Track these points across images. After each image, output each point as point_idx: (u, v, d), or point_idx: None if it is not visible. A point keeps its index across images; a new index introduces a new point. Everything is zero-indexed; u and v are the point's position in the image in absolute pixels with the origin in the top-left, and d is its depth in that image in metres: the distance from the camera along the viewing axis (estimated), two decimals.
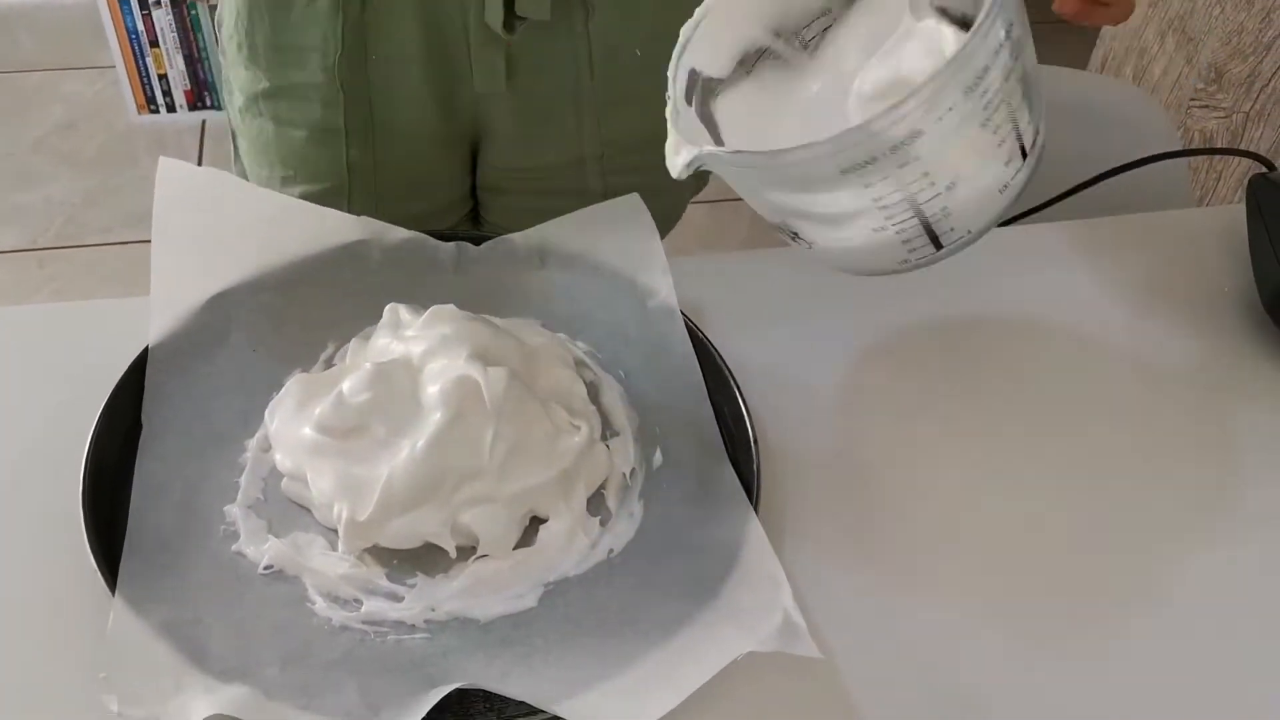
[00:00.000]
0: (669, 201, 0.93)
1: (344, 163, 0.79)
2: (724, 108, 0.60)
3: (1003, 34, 0.49)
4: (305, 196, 0.79)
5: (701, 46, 0.58)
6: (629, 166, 0.70)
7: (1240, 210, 0.76)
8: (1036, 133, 0.55)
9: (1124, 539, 0.60)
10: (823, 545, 0.58)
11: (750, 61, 0.61)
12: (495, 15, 0.71)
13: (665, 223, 0.93)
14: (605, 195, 0.73)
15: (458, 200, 0.87)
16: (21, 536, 0.55)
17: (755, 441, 0.58)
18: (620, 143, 0.81)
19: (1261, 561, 0.59)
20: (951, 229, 0.55)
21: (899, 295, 0.71)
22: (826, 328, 0.69)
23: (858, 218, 0.53)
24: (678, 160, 0.53)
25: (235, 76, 0.80)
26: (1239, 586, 0.58)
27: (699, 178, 0.93)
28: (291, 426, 0.57)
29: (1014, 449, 0.64)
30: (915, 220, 0.54)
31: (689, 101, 0.58)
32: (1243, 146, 1.28)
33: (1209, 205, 1.32)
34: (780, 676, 0.52)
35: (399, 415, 0.55)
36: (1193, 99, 1.32)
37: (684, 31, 0.58)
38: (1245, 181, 0.75)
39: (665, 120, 0.67)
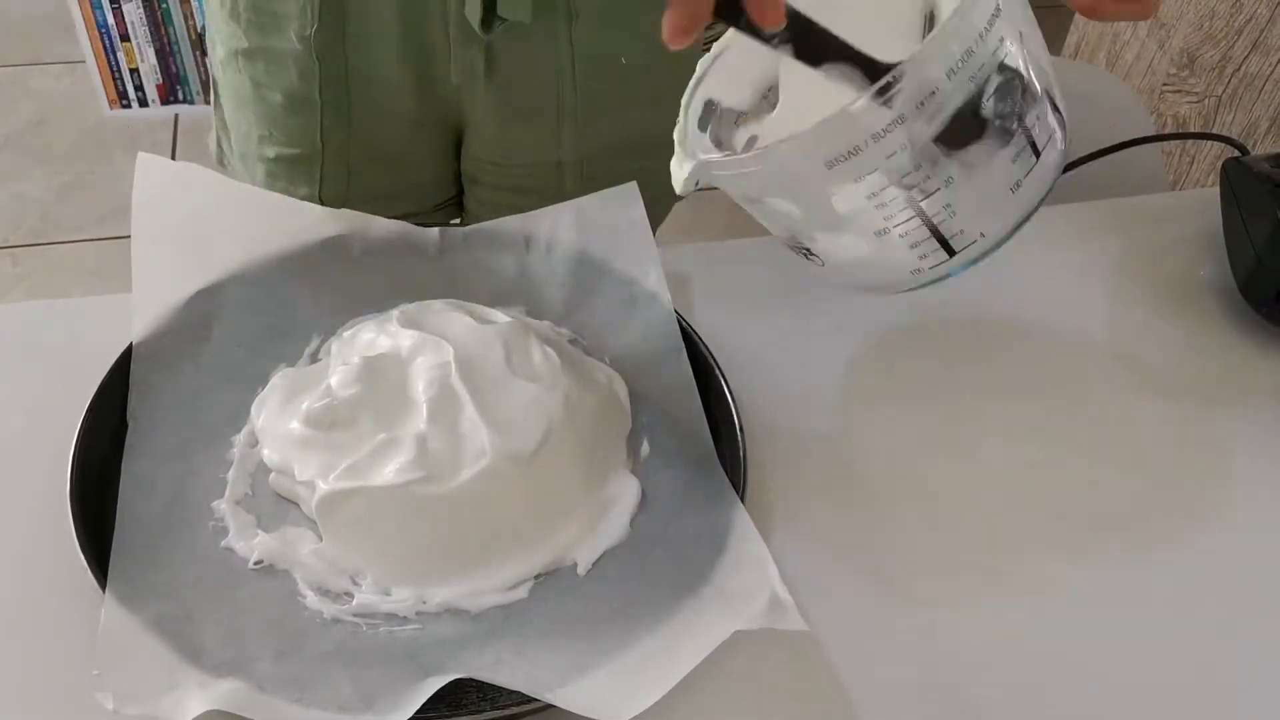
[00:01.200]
0: (651, 210, 0.92)
1: (318, 133, 0.79)
2: (748, 135, 0.60)
3: (991, 10, 0.47)
4: (279, 158, 0.81)
5: (720, 79, 0.58)
6: (610, 173, 0.70)
7: (1214, 194, 0.77)
8: (1054, 131, 0.52)
9: (1104, 521, 0.61)
10: (810, 530, 0.58)
11: (775, 93, 0.60)
12: (474, 12, 0.71)
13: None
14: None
15: (435, 183, 0.87)
16: (9, 536, 0.55)
17: (741, 429, 0.59)
18: (602, 149, 0.81)
19: (1243, 544, 0.60)
20: (961, 231, 0.52)
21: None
22: (812, 315, 0.70)
23: (857, 218, 0.51)
24: (681, 175, 0.52)
25: (217, 29, 0.80)
26: (1222, 569, 0.59)
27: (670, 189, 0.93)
28: (278, 421, 0.57)
29: (995, 433, 0.64)
30: (918, 220, 0.51)
31: (702, 129, 0.57)
32: (1215, 131, 1.30)
33: (1182, 190, 1.34)
34: (770, 658, 0.52)
35: (387, 409, 0.55)
36: (1165, 84, 1.33)
37: (701, 64, 0.58)
38: (1218, 166, 0.76)
39: (646, 129, 0.68)
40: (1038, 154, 0.52)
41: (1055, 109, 0.52)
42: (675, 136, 0.54)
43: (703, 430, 0.60)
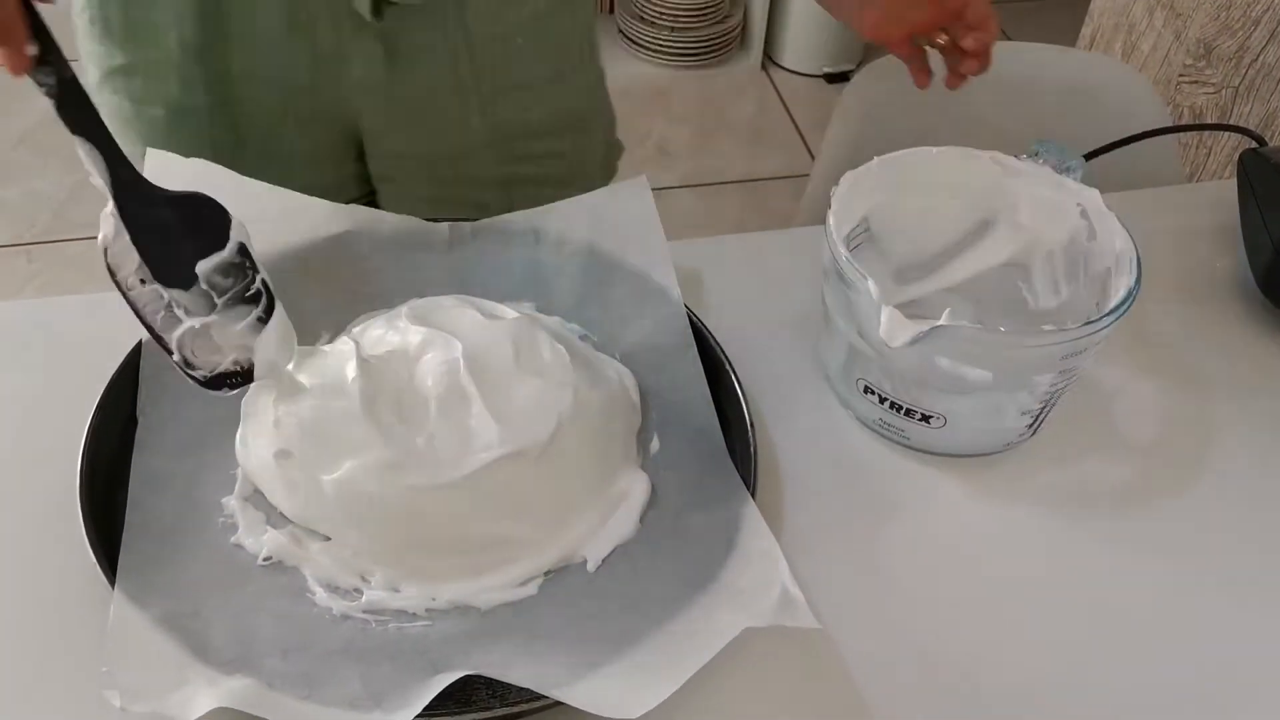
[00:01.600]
0: (577, 190, 0.91)
1: (207, 142, 0.76)
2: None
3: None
4: None
5: (842, 210, 0.61)
6: (527, 155, 0.68)
7: (1231, 185, 0.76)
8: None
9: (1117, 513, 0.60)
10: (820, 527, 0.58)
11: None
12: (363, 1, 0.68)
13: None
14: (504, 184, 0.70)
15: (337, 185, 0.83)
16: (19, 532, 0.55)
17: (752, 425, 0.58)
18: (512, 131, 0.79)
19: (1246, 533, 0.60)
20: (1049, 420, 0.62)
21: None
22: (820, 310, 0.69)
23: (1017, 400, 0.58)
24: (903, 333, 0.54)
25: (87, 52, 0.77)
26: (1229, 558, 0.58)
27: (608, 167, 0.92)
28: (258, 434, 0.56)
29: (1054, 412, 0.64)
30: (1043, 407, 0.60)
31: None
32: (1232, 122, 1.28)
33: (1199, 181, 1.32)
34: (780, 653, 0.52)
35: (395, 405, 0.55)
36: (1181, 75, 1.32)
37: (834, 196, 0.61)
38: (1235, 157, 0.75)
39: (559, 109, 0.68)
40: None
41: None
42: (871, 293, 0.56)
43: (713, 426, 0.59)
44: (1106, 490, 0.61)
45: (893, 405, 0.60)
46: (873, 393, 0.61)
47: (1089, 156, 0.77)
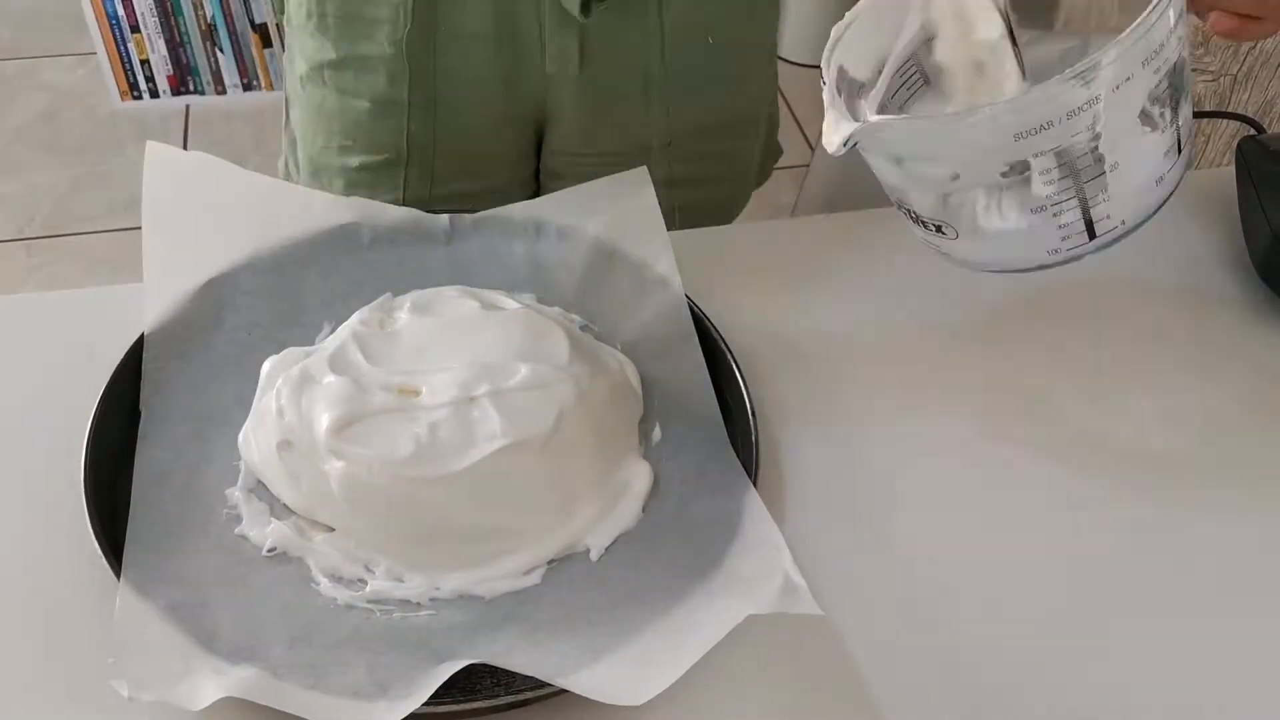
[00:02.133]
0: (733, 190, 0.92)
1: (404, 135, 0.79)
2: (868, 109, 0.59)
3: (1173, 16, 0.49)
4: (362, 166, 0.81)
5: (851, 47, 0.58)
6: (695, 154, 0.69)
7: (1229, 173, 0.76)
8: (1192, 128, 0.55)
9: (1116, 496, 0.60)
10: (823, 515, 0.58)
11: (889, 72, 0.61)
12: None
13: (728, 212, 0.93)
14: (669, 184, 0.72)
15: (516, 182, 0.87)
16: (24, 524, 0.56)
17: (753, 414, 0.58)
18: (688, 131, 0.81)
19: (1246, 521, 0.60)
20: (1108, 216, 0.54)
21: (893, 265, 0.71)
22: (824, 299, 0.70)
23: (1004, 194, 0.53)
24: (837, 135, 0.52)
25: (300, 45, 0.80)
26: (1229, 546, 0.59)
27: (764, 170, 0.93)
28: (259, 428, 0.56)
29: (1009, 410, 0.64)
30: (1075, 201, 0.53)
31: (839, 93, 0.57)
32: (1231, 109, 1.28)
33: (1198, 169, 1.32)
34: (784, 641, 0.52)
35: (397, 395, 0.55)
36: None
37: (835, 30, 0.58)
38: (1234, 144, 0.75)
39: (731, 109, 0.65)
40: (1180, 149, 0.54)
41: (1188, 108, 0.54)
42: (825, 98, 0.53)
43: (715, 415, 0.59)
44: (1103, 476, 0.62)
45: (921, 223, 0.57)
46: (904, 208, 0.58)
47: None
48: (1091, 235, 0.55)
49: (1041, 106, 0.49)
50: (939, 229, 0.56)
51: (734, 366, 0.61)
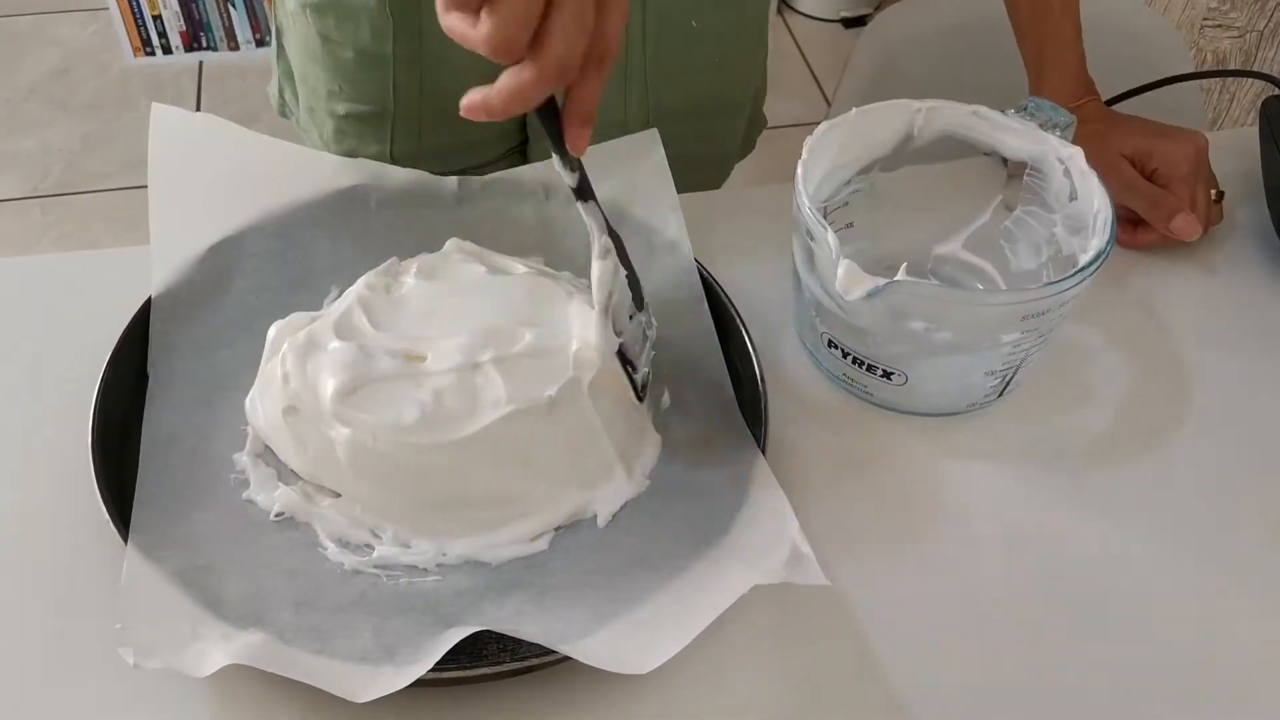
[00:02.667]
0: (713, 172, 0.91)
1: (389, 89, 0.78)
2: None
3: None
4: (349, 115, 0.80)
5: (815, 167, 0.60)
6: (674, 136, 0.68)
7: (1253, 133, 0.74)
8: None
9: (1129, 461, 0.60)
10: (830, 482, 0.58)
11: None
12: None
13: (712, 186, 0.91)
14: None
15: (503, 134, 0.85)
16: (32, 488, 0.56)
17: (762, 380, 0.58)
18: (667, 112, 0.79)
19: (1271, 493, 0.59)
20: (1019, 383, 0.61)
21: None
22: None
23: (983, 360, 0.57)
24: (857, 288, 0.53)
25: None
26: (1248, 511, 0.58)
27: (748, 142, 0.92)
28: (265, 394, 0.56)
29: (1019, 379, 0.63)
30: (1012, 369, 0.59)
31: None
32: (1255, 66, 1.26)
33: (1222, 128, 1.30)
34: (790, 609, 0.52)
35: (403, 360, 0.55)
36: (1205, 19, 1.29)
37: (806, 146, 0.60)
38: (1259, 103, 0.74)
39: (711, 93, 0.67)
40: None
41: None
42: (830, 242, 0.55)
43: (724, 381, 0.59)
44: (1116, 439, 0.61)
45: (855, 360, 0.59)
46: (836, 347, 0.60)
47: (1111, 102, 0.76)
48: (999, 395, 0.61)
49: (1051, 295, 0.54)
50: (887, 374, 0.59)
51: (743, 333, 0.60)
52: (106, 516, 0.50)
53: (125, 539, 0.50)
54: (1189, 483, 0.59)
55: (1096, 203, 0.58)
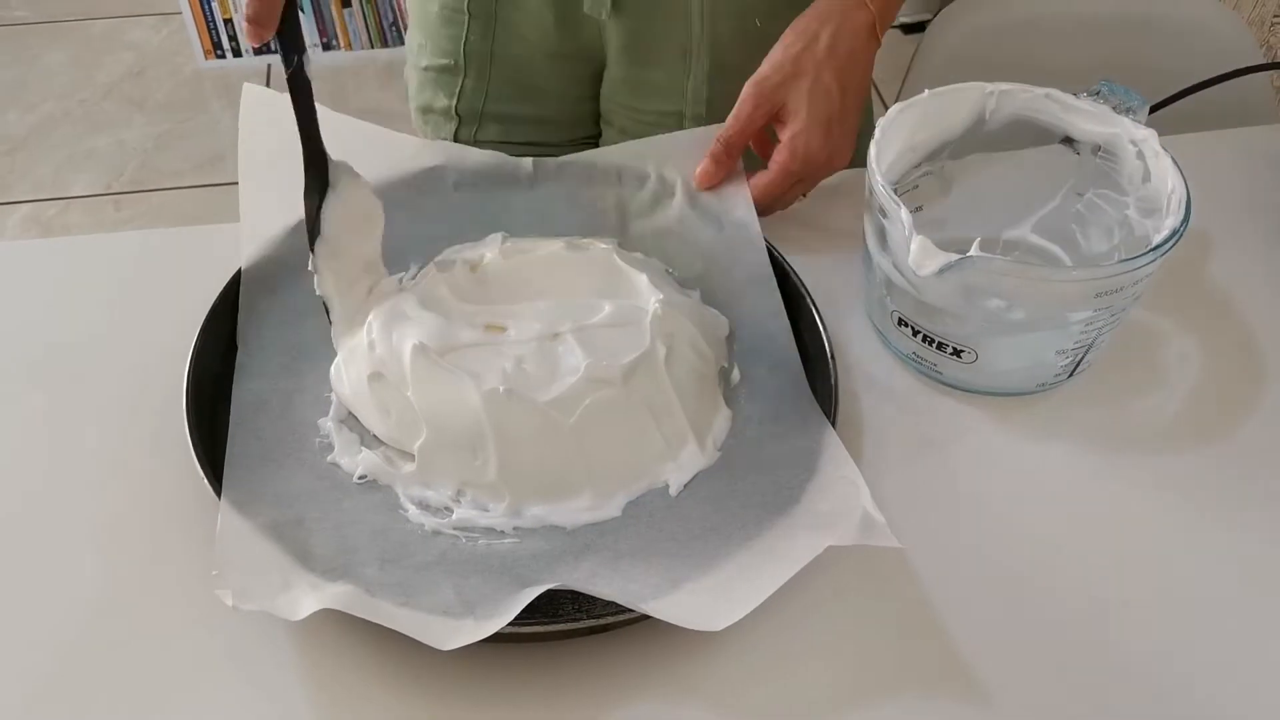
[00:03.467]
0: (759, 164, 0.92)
1: (462, 44, 0.83)
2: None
3: None
4: (429, 68, 0.86)
5: (887, 148, 0.62)
6: None
7: None
8: None
9: (1200, 443, 0.60)
10: (898, 459, 0.58)
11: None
12: None
13: None
14: None
15: (570, 119, 0.88)
16: (130, 450, 0.58)
17: (832, 356, 0.59)
18: (721, 109, 0.81)
19: None
20: (1090, 364, 0.61)
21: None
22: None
23: (1054, 339, 0.58)
24: (931, 263, 0.54)
25: None
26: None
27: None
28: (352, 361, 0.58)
29: (1088, 358, 0.64)
30: (1083, 348, 0.59)
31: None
32: None
33: (1259, 125, 1.28)
34: (860, 581, 0.53)
35: (484, 332, 0.56)
36: (1276, 16, 1.28)
37: (880, 125, 0.61)
38: None
39: None
40: None
41: None
42: (904, 219, 0.56)
43: (793, 357, 0.60)
44: (1184, 424, 0.61)
45: (925, 338, 0.60)
46: (906, 325, 0.60)
47: (1182, 94, 0.76)
48: (1070, 375, 0.61)
49: (1125, 271, 0.54)
50: (957, 352, 0.59)
51: (813, 310, 0.61)
52: (201, 474, 0.53)
53: (219, 495, 0.52)
54: (1261, 469, 0.59)
55: (1171, 183, 0.58)
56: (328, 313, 0.58)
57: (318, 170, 0.56)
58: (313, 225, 0.56)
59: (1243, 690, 0.50)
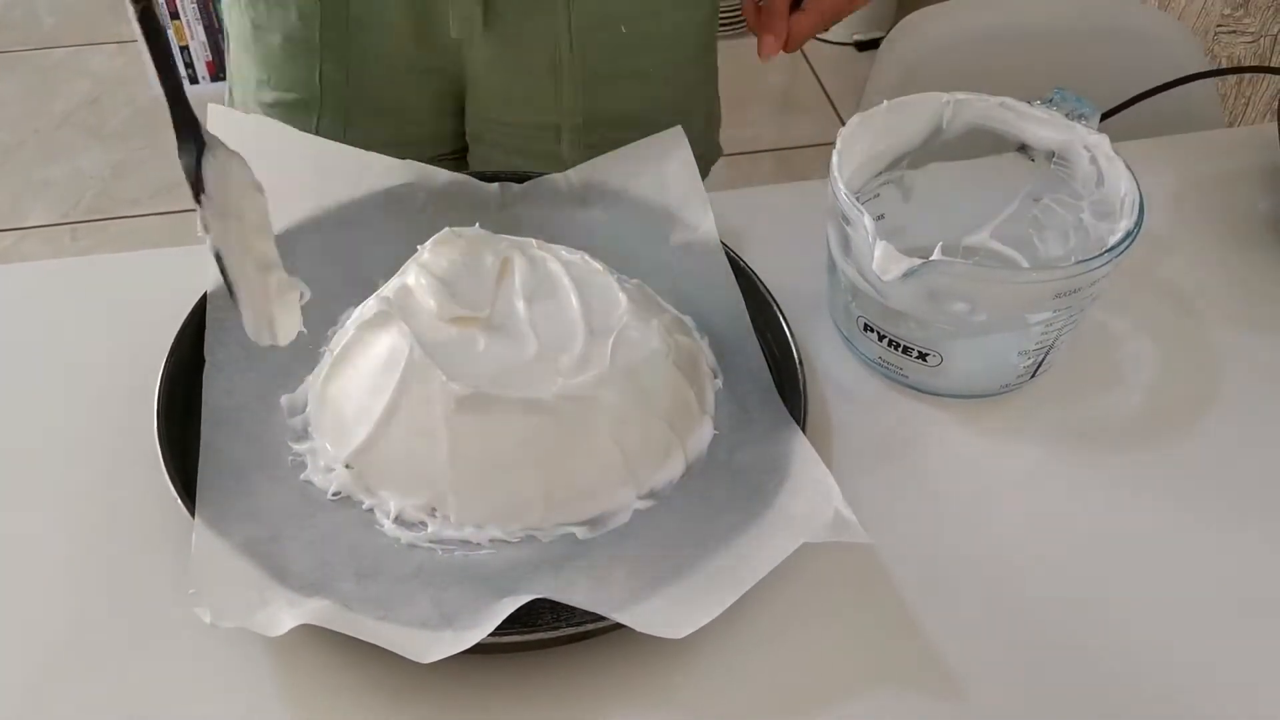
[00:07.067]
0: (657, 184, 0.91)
1: (317, 75, 0.78)
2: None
3: None
4: (277, 104, 0.80)
5: (851, 154, 0.63)
6: (608, 142, 0.69)
7: (1272, 130, 0.76)
8: None
9: (1159, 439, 0.61)
10: (866, 463, 0.59)
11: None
12: None
13: None
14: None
15: (434, 137, 0.85)
16: (100, 469, 0.58)
17: (801, 363, 0.60)
18: (600, 118, 0.80)
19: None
20: (1051, 365, 0.62)
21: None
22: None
23: (1016, 340, 0.59)
24: (895, 267, 0.55)
25: None
26: (1275, 503, 0.59)
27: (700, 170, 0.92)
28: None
29: (1049, 362, 0.65)
30: (1044, 349, 0.60)
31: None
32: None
33: (1236, 127, 1.32)
34: (832, 585, 0.54)
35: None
36: (1219, 25, 1.31)
37: (840, 137, 0.62)
38: (1275, 105, 0.76)
39: (646, 102, 0.73)
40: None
41: None
42: (867, 225, 0.57)
43: (762, 365, 0.61)
44: (1143, 428, 0.62)
45: (890, 343, 0.61)
46: (872, 330, 0.62)
47: (1130, 102, 0.78)
48: (1032, 376, 0.62)
49: (1082, 273, 0.55)
50: (923, 356, 0.60)
51: (780, 318, 0.62)
52: (175, 494, 0.52)
53: (192, 513, 0.51)
54: (1219, 464, 0.61)
55: (1124, 187, 0.60)
56: (229, 289, 0.52)
57: (190, 127, 0.52)
58: (194, 180, 0.51)
59: (1213, 684, 0.51)
